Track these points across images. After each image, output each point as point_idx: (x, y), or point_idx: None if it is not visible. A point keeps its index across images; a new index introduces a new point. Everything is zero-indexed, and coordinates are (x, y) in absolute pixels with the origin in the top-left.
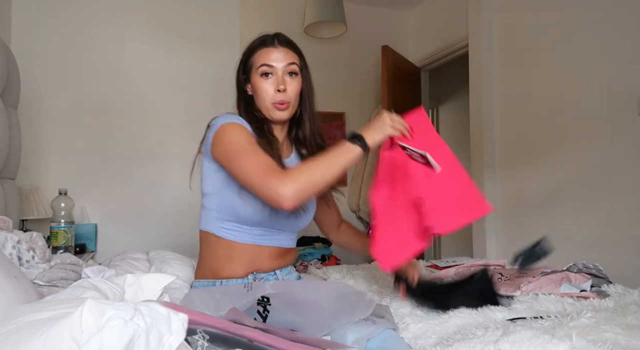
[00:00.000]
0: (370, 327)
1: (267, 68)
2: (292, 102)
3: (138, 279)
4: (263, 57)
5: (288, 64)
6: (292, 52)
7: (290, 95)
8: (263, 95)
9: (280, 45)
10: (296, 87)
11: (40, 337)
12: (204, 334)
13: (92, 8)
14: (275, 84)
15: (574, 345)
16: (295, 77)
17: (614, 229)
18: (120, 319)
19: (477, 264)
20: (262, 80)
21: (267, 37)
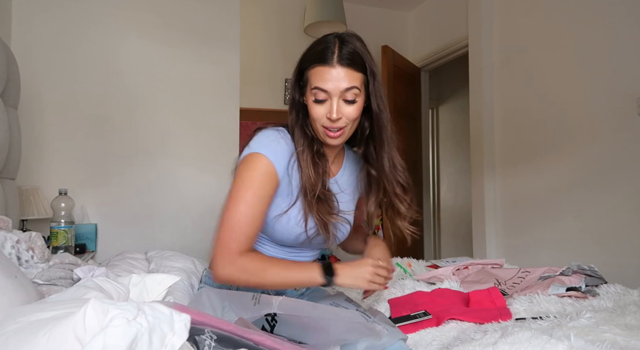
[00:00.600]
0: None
1: (321, 93)
2: (347, 129)
3: (143, 279)
4: (317, 77)
5: (345, 90)
6: (353, 71)
7: (344, 121)
8: (315, 117)
9: (340, 65)
10: (353, 113)
11: (43, 336)
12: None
13: (92, 8)
14: (328, 110)
15: (572, 345)
16: (353, 104)
17: (614, 229)
18: (124, 318)
19: (476, 263)
20: (315, 104)
21: (327, 50)
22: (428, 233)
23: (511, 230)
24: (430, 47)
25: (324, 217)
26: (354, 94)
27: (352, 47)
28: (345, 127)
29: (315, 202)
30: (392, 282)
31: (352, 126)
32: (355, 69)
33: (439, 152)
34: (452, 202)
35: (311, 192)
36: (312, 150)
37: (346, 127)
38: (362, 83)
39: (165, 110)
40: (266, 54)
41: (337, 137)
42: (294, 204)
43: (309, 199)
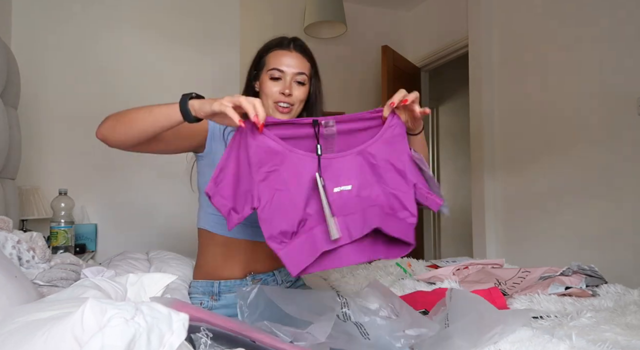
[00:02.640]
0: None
1: (277, 73)
2: (295, 107)
3: (140, 279)
4: (276, 60)
5: (298, 73)
6: (305, 60)
7: (294, 99)
8: (268, 93)
9: (295, 50)
10: (302, 94)
11: (41, 336)
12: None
13: (92, 8)
14: (282, 87)
15: (574, 344)
16: (303, 86)
17: (614, 229)
18: (122, 318)
19: (476, 263)
20: (270, 82)
21: (284, 39)
22: (428, 233)
23: (511, 230)
24: (430, 47)
25: None
26: (304, 79)
27: (303, 43)
28: (293, 105)
29: None
30: (392, 282)
31: (298, 107)
32: (306, 58)
33: (439, 152)
34: (452, 202)
35: None
36: None
37: (294, 106)
38: (309, 73)
39: None
40: None
41: (286, 113)
42: None
43: None
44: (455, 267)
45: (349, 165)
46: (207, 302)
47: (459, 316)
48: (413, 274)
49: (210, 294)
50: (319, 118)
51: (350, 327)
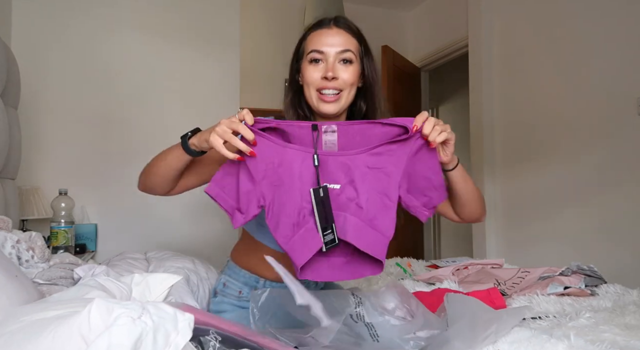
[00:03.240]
0: None
1: (317, 54)
2: (343, 94)
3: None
4: (314, 41)
5: (342, 51)
6: (348, 35)
7: (341, 83)
8: (309, 81)
9: (337, 26)
10: (351, 76)
11: (48, 335)
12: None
13: (92, 8)
14: (324, 70)
15: (572, 344)
16: (350, 65)
17: (613, 229)
18: (129, 317)
19: (475, 263)
20: (310, 66)
21: (324, 19)
22: (428, 233)
23: (511, 230)
24: (430, 47)
25: None
26: (350, 56)
27: (347, 19)
28: (342, 91)
29: None
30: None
31: (349, 94)
32: (351, 34)
33: None
34: None
35: None
36: None
37: (343, 92)
38: (358, 51)
39: (165, 110)
40: (266, 54)
41: (332, 102)
42: None
43: None
44: (455, 267)
45: (342, 165)
46: (246, 293)
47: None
48: (413, 274)
49: (254, 288)
50: (318, 123)
51: (361, 329)
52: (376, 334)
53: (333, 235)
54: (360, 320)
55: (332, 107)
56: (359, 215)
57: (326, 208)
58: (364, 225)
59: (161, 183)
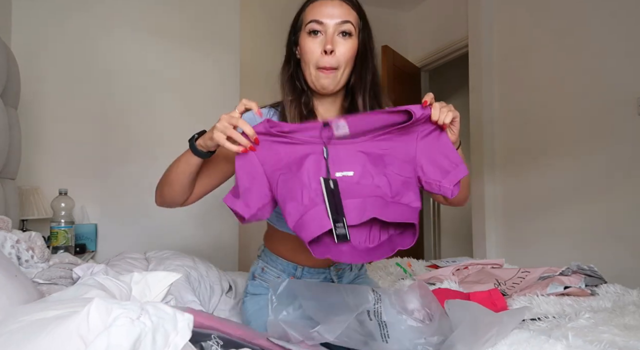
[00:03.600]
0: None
1: (316, 25)
2: (341, 69)
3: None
4: (313, 11)
5: (341, 22)
6: (348, 7)
7: (339, 59)
8: (308, 56)
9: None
10: (348, 51)
11: (47, 335)
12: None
13: (92, 8)
14: (323, 43)
15: (570, 344)
16: (349, 39)
17: (613, 229)
18: (127, 318)
19: (475, 263)
20: (309, 39)
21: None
22: (428, 233)
23: (511, 230)
24: (430, 47)
25: None
26: (349, 29)
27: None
28: (337, 69)
29: None
30: (392, 282)
31: (345, 70)
32: (351, 5)
33: None
34: None
35: None
36: (300, 102)
37: (339, 70)
38: (357, 23)
39: (165, 110)
40: (266, 54)
41: (330, 74)
42: None
43: None
44: (455, 267)
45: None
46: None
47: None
48: (413, 274)
49: (292, 275)
50: (329, 120)
51: (373, 326)
52: (387, 334)
53: (344, 230)
54: (375, 317)
55: (330, 80)
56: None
57: (336, 200)
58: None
59: (177, 192)
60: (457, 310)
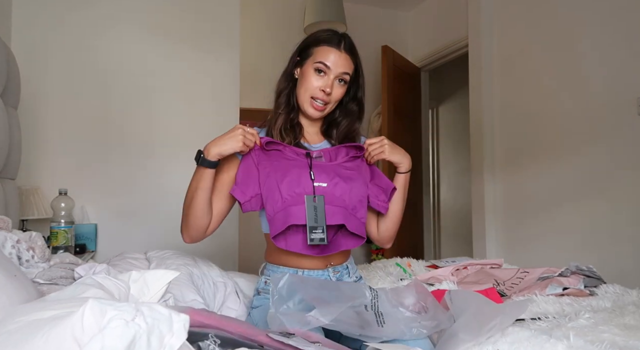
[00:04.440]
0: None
1: (324, 67)
2: (330, 105)
3: (143, 275)
4: (324, 54)
5: (343, 73)
6: (351, 61)
7: (331, 98)
8: (308, 85)
9: (344, 51)
10: (339, 94)
11: (41, 337)
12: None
13: (93, 8)
14: (324, 84)
15: (572, 344)
16: (343, 85)
17: (613, 229)
18: (122, 319)
19: (475, 263)
20: (314, 75)
21: (335, 36)
22: (428, 233)
23: (511, 230)
24: (430, 47)
25: None
26: (346, 79)
27: (352, 42)
28: (329, 104)
29: None
30: (392, 283)
31: (332, 106)
32: (353, 60)
33: (439, 152)
34: (452, 202)
35: None
36: (289, 117)
37: (329, 104)
38: (352, 73)
39: (165, 110)
40: (266, 54)
41: (320, 110)
42: None
43: None
44: (454, 267)
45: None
46: None
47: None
48: (413, 274)
49: None
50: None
51: (370, 316)
52: (383, 321)
53: (323, 235)
54: (372, 309)
55: (318, 114)
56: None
57: (318, 213)
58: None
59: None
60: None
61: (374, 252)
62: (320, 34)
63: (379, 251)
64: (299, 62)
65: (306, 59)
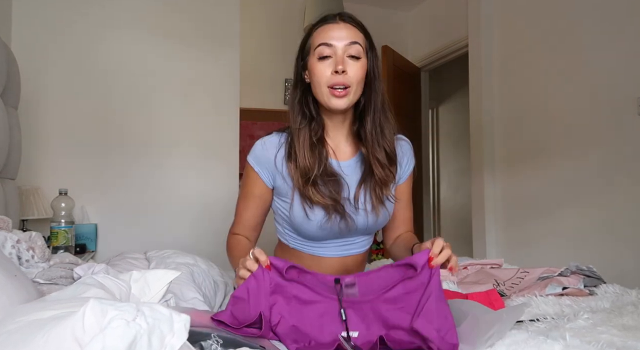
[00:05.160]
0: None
1: (325, 48)
2: (353, 88)
3: (144, 275)
4: (322, 35)
5: (350, 43)
6: (355, 29)
7: (351, 79)
8: (319, 78)
9: (343, 21)
10: (359, 72)
11: (42, 337)
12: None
13: (92, 8)
14: (334, 65)
15: (568, 344)
16: (358, 61)
17: (613, 229)
18: (123, 319)
19: (475, 263)
20: (319, 63)
21: (328, 14)
22: (428, 233)
23: (511, 230)
24: (430, 47)
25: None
26: (358, 50)
27: (352, 15)
28: (350, 87)
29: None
30: None
31: (356, 90)
32: (357, 28)
33: (439, 152)
34: (452, 202)
35: (304, 176)
36: (310, 128)
37: (351, 87)
38: (365, 44)
39: (165, 110)
40: (266, 54)
41: (343, 96)
42: (293, 202)
43: (302, 184)
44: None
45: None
46: None
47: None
48: None
49: None
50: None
51: None
52: None
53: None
54: None
55: (342, 102)
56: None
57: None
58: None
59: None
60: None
61: (374, 252)
62: (314, 22)
63: (379, 251)
64: (304, 64)
65: (308, 55)
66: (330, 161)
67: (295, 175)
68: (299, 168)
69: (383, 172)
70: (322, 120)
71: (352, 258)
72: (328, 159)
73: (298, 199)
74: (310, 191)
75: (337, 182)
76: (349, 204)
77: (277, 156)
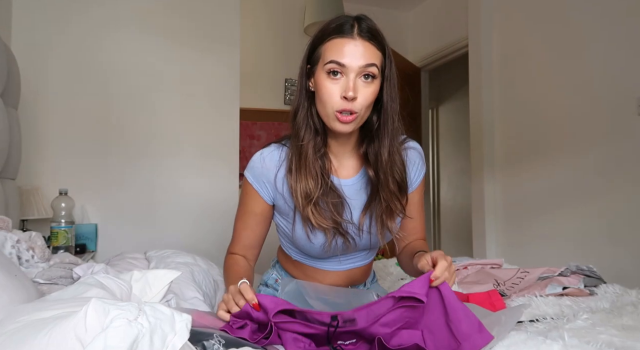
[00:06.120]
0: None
1: (337, 66)
2: (360, 114)
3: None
4: (334, 50)
5: (365, 66)
6: (374, 47)
7: (359, 105)
8: (325, 99)
9: (361, 36)
10: (370, 95)
11: (44, 336)
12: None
13: (92, 8)
14: (344, 88)
15: (567, 344)
16: (372, 82)
17: (613, 229)
18: (125, 319)
19: (475, 263)
20: (328, 80)
21: (346, 21)
22: (428, 233)
23: (511, 230)
24: (430, 47)
25: (326, 224)
26: (373, 72)
27: (372, 24)
28: (358, 113)
29: (312, 209)
30: (392, 282)
31: (364, 115)
32: (376, 46)
33: (439, 152)
34: (452, 202)
35: (307, 197)
36: (314, 143)
37: (359, 113)
38: (380, 65)
39: (165, 110)
40: (266, 54)
41: (348, 122)
42: (295, 224)
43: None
44: (455, 267)
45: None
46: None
47: None
48: None
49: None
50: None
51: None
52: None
53: None
54: None
55: (348, 127)
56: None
57: None
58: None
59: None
60: None
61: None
62: (328, 25)
63: (379, 251)
64: (310, 71)
65: (316, 63)
66: (332, 179)
67: (295, 195)
68: (300, 189)
69: (392, 204)
70: (326, 134)
71: (358, 269)
72: (330, 176)
73: (300, 220)
74: (311, 212)
75: (339, 204)
76: (352, 226)
77: (278, 176)
